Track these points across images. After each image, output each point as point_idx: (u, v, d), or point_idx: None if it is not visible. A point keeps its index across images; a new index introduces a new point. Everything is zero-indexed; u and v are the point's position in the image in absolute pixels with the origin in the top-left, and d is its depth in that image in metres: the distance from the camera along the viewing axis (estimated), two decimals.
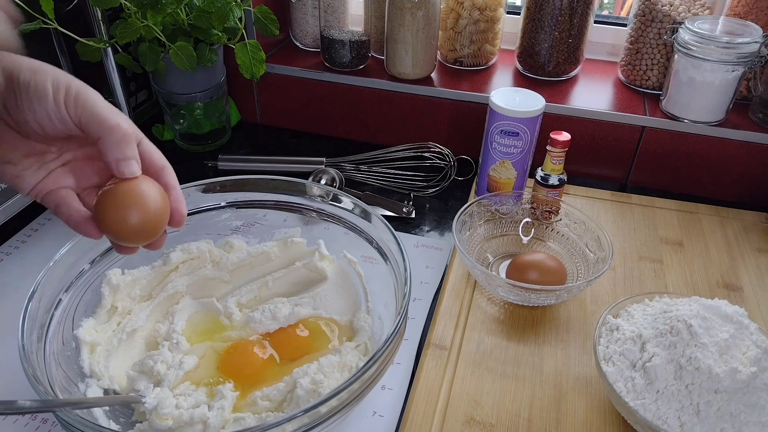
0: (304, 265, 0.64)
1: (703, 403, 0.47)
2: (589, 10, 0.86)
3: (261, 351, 0.56)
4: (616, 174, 0.90)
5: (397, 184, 0.86)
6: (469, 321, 0.64)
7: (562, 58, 0.90)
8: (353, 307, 0.62)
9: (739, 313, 0.52)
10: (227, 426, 0.49)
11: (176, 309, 0.59)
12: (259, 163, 0.89)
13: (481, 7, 0.89)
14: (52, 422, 0.53)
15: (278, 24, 0.84)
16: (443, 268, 0.72)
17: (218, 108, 0.93)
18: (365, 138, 0.98)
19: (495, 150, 0.75)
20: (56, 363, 0.49)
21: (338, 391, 0.43)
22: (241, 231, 0.67)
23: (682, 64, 0.79)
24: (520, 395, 0.56)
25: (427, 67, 0.91)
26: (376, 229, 0.60)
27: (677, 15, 0.84)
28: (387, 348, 0.47)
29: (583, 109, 0.85)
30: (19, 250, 0.72)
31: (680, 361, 0.49)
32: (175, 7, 0.75)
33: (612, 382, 0.50)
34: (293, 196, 0.65)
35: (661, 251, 0.74)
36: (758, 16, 0.81)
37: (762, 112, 0.82)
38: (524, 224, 0.74)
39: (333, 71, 0.95)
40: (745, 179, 0.85)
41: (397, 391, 0.57)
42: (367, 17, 0.96)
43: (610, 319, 0.56)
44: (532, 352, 0.60)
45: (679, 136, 0.84)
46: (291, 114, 1.01)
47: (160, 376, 0.52)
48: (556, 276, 0.64)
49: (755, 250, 0.75)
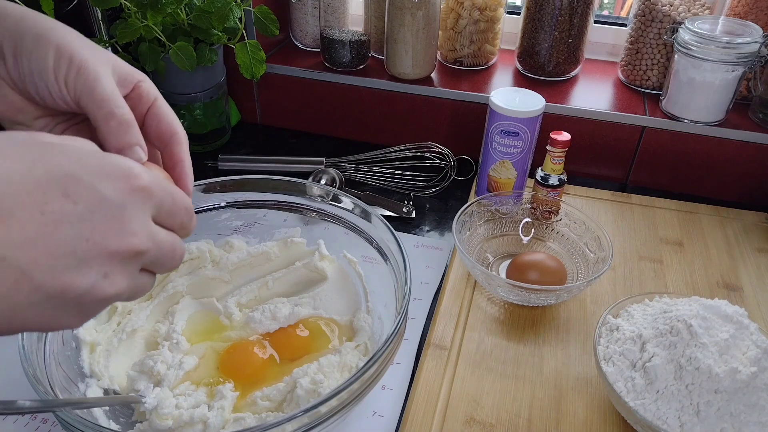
0: (304, 265, 0.64)
1: (703, 403, 0.47)
2: (589, 10, 0.86)
3: (261, 351, 0.56)
4: (616, 174, 0.90)
5: (397, 184, 0.86)
6: (469, 321, 0.64)
7: (562, 58, 0.90)
8: (353, 307, 0.62)
9: (739, 313, 0.52)
10: (227, 426, 0.49)
11: (176, 309, 0.59)
12: (259, 163, 0.89)
13: (481, 7, 0.89)
14: (52, 422, 0.53)
15: (278, 24, 0.84)
16: (443, 268, 0.72)
17: (218, 108, 0.93)
18: (365, 138, 0.98)
19: (495, 150, 0.75)
20: (56, 363, 0.49)
21: (338, 391, 0.43)
22: (241, 231, 0.67)
23: (682, 64, 0.79)
24: (520, 395, 0.56)
25: (427, 67, 0.91)
26: (376, 229, 0.60)
27: (677, 15, 0.84)
28: (387, 348, 0.47)
29: (583, 109, 0.85)
30: None
31: (680, 361, 0.49)
32: (175, 7, 0.75)
33: (612, 382, 0.50)
34: (293, 196, 0.65)
35: (661, 251, 0.74)
36: (758, 16, 0.81)
37: (762, 112, 0.82)
38: (524, 224, 0.74)
39: (333, 71, 0.95)
40: (745, 179, 0.85)
41: (397, 391, 0.57)
42: (367, 17, 0.96)
43: (610, 319, 0.56)
44: (532, 352, 0.60)
45: (679, 136, 0.84)
46: (291, 114, 1.01)
47: (160, 376, 0.52)
48: (556, 276, 0.64)
49: (755, 250, 0.75)
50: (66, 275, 0.27)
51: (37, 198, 0.26)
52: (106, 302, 0.30)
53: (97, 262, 0.28)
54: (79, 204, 0.27)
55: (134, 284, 0.31)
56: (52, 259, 0.26)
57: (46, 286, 0.26)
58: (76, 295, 0.28)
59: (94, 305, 0.29)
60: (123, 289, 0.30)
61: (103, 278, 0.28)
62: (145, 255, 0.30)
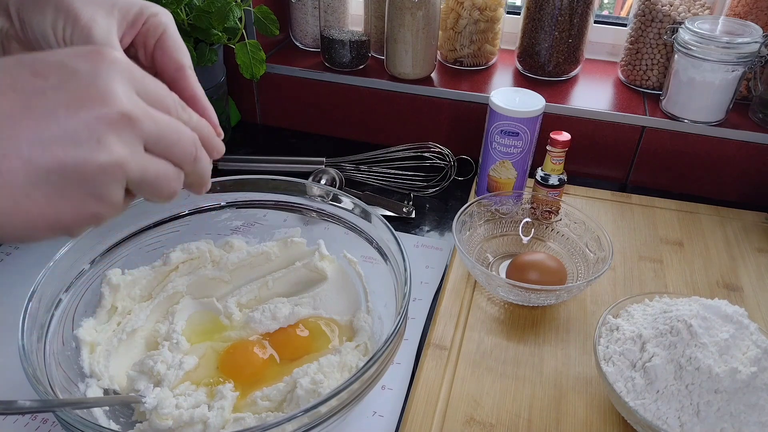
0: (304, 265, 0.64)
1: (703, 403, 0.47)
2: (589, 10, 0.86)
3: (261, 351, 0.56)
4: (616, 174, 0.90)
5: (397, 184, 0.86)
6: (469, 321, 0.64)
7: (562, 58, 0.90)
8: (353, 307, 0.62)
9: (739, 313, 0.52)
10: (227, 426, 0.49)
11: (176, 309, 0.59)
12: (259, 163, 0.89)
13: (481, 7, 0.89)
14: (52, 422, 0.53)
15: (278, 24, 0.84)
16: (443, 268, 0.72)
17: (218, 108, 0.93)
18: (365, 138, 0.98)
19: (495, 150, 0.75)
20: (56, 363, 0.49)
21: (338, 391, 0.43)
22: (241, 231, 0.67)
23: (682, 64, 0.79)
24: (520, 395, 0.56)
25: (427, 67, 0.91)
26: (376, 229, 0.60)
27: (677, 15, 0.84)
28: (387, 348, 0.47)
29: (583, 109, 0.86)
30: (19, 250, 0.72)
31: (680, 361, 0.49)
32: (175, 7, 0.75)
33: (612, 382, 0.50)
34: (293, 196, 0.65)
35: (661, 251, 0.74)
36: (758, 16, 0.81)
37: (762, 112, 0.82)
38: (524, 224, 0.74)
39: (333, 71, 0.95)
40: (745, 179, 0.85)
41: (397, 391, 0.57)
42: (367, 17, 0.96)
43: (610, 319, 0.56)
44: (532, 352, 0.60)
45: (679, 136, 0.84)
46: (291, 114, 1.01)
47: (160, 376, 0.52)
48: (556, 276, 0.64)
49: (755, 250, 0.75)
50: (56, 146, 0.26)
51: (6, 80, 0.26)
52: (109, 174, 0.28)
53: (84, 128, 0.27)
54: (50, 78, 0.27)
55: (141, 161, 0.29)
56: (36, 131, 0.26)
57: (38, 160, 0.26)
58: (74, 166, 0.26)
59: (100, 179, 0.28)
60: (123, 158, 0.28)
61: (97, 144, 0.27)
62: (137, 124, 0.28)
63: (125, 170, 0.28)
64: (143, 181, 0.29)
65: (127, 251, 0.60)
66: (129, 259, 0.60)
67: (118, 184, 0.28)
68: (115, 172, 0.28)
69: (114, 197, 0.29)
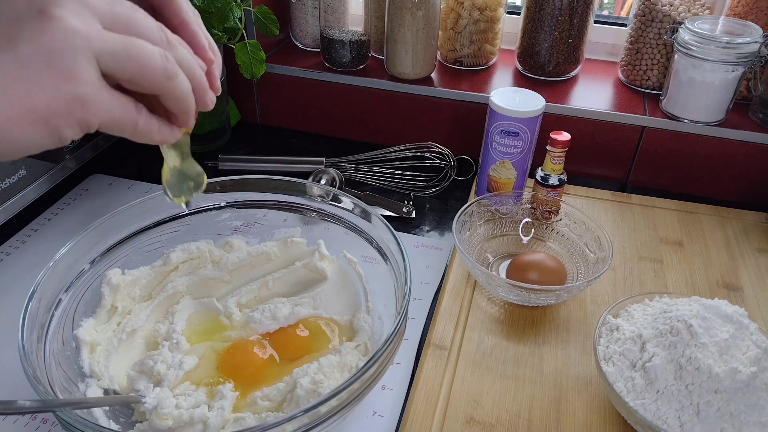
0: (304, 265, 0.64)
1: (703, 403, 0.47)
2: (589, 10, 0.86)
3: (261, 351, 0.56)
4: (616, 174, 0.90)
5: (397, 184, 0.86)
6: (469, 321, 0.64)
7: (562, 58, 0.90)
8: (353, 307, 0.62)
9: (739, 313, 0.52)
10: (227, 426, 0.49)
11: (176, 309, 0.59)
12: (259, 163, 0.89)
13: (481, 7, 0.89)
14: (52, 422, 0.53)
15: (278, 24, 0.84)
16: (443, 268, 0.72)
17: (218, 108, 0.93)
18: (365, 138, 0.98)
19: (495, 150, 0.75)
20: (56, 363, 0.49)
21: (338, 391, 0.43)
22: (241, 231, 0.67)
23: (682, 64, 0.79)
24: (520, 395, 0.56)
25: (427, 67, 0.91)
26: (376, 229, 0.60)
27: (677, 15, 0.84)
28: (387, 348, 0.47)
29: (583, 109, 0.85)
30: (19, 250, 0.72)
31: (680, 361, 0.49)
32: None
33: (612, 382, 0.50)
34: (293, 196, 0.65)
35: (661, 251, 0.74)
36: (758, 16, 0.81)
37: (762, 112, 0.82)
38: (524, 224, 0.74)
39: (333, 71, 0.95)
40: (745, 179, 0.85)
41: (397, 391, 0.57)
42: (367, 17, 0.96)
43: (610, 319, 0.56)
44: (532, 352, 0.60)
45: (679, 136, 0.84)
46: (291, 114, 1.01)
47: (160, 376, 0.52)
48: (556, 276, 0.64)
49: (755, 250, 0.75)
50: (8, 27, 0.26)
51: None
52: (79, 50, 0.27)
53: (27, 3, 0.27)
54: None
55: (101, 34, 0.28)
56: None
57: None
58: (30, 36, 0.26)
59: (70, 55, 0.27)
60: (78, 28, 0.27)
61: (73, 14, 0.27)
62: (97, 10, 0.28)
63: (86, 40, 0.27)
64: (114, 54, 0.29)
65: (127, 251, 0.60)
66: (129, 259, 0.60)
67: (82, 54, 0.28)
68: (74, 39, 0.27)
69: (83, 71, 0.28)
